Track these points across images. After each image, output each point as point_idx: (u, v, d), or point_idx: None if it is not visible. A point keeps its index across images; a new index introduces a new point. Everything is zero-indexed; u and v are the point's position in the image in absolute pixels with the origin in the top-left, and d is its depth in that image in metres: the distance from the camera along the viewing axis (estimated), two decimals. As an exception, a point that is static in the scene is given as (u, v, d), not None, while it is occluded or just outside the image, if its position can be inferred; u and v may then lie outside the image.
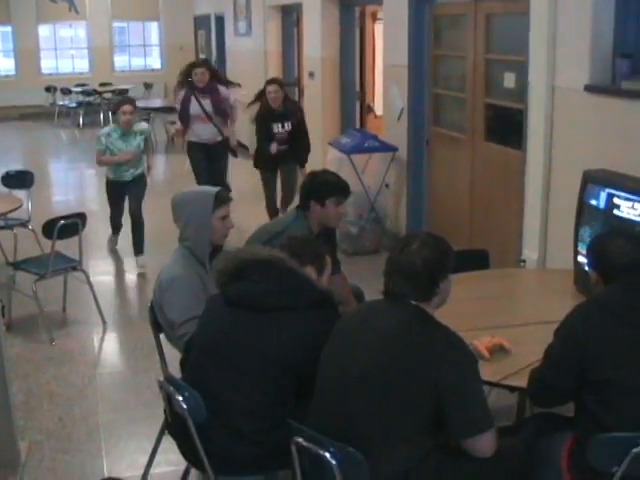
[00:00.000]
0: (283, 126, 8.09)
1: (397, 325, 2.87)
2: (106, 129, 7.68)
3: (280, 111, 8.04)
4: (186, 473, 3.78)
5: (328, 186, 4.45)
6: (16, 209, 6.82)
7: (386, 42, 8.51)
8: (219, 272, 3.37)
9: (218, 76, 8.74)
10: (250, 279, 3.27)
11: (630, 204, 3.97)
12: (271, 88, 8.02)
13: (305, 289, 3.27)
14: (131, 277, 7.70)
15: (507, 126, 6.51)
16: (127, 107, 7.48)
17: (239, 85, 9.81)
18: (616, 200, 4.06)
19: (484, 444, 2.80)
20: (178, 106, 8.60)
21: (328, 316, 3.21)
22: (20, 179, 7.96)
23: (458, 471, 2.87)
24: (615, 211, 4.04)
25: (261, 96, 8.13)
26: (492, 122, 6.72)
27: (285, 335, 3.18)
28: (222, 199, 3.94)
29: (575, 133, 5.16)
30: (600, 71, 4.92)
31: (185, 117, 8.48)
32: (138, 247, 7.64)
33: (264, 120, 8.12)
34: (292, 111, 8.18)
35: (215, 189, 3.98)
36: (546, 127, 5.41)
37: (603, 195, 4.17)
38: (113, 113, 8.30)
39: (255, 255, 3.33)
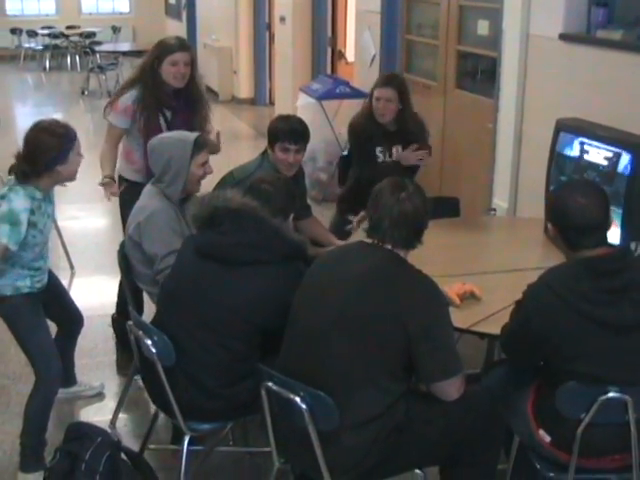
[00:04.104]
0: (392, 153, 5.11)
1: (370, 268, 2.86)
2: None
3: (390, 129, 5.10)
4: (155, 418, 3.77)
5: (273, 131, 4.36)
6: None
7: (359, -13, 8.41)
8: (193, 216, 3.33)
9: (196, 71, 4.68)
10: (221, 229, 3.22)
11: (601, 153, 3.96)
12: (381, 93, 5.00)
13: (276, 242, 3.21)
14: (100, 222, 7.63)
15: (480, 74, 6.48)
16: None
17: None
18: (588, 149, 4.05)
19: (451, 388, 2.83)
20: (119, 122, 4.57)
21: (298, 270, 3.18)
22: (-15, 122, 7.84)
23: (428, 417, 2.89)
24: (586, 160, 4.04)
25: (370, 101, 5.16)
26: (464, 70, 6.68)
27: (253, 291, 3.15)
28: (201, 145, 3.85)
29: (548, 82, 5.14)
30: (575, 19, 4.90)
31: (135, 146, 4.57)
32: None
33: (362, 136, 5.13)
34: (411, 132, 5.09)
35: (195, 134, 3.90)
36: (519, 75, 5.38)
37: (575, 144, 4.16)
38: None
39: (227, 202, 3.26)
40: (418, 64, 7.58)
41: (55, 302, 3.99)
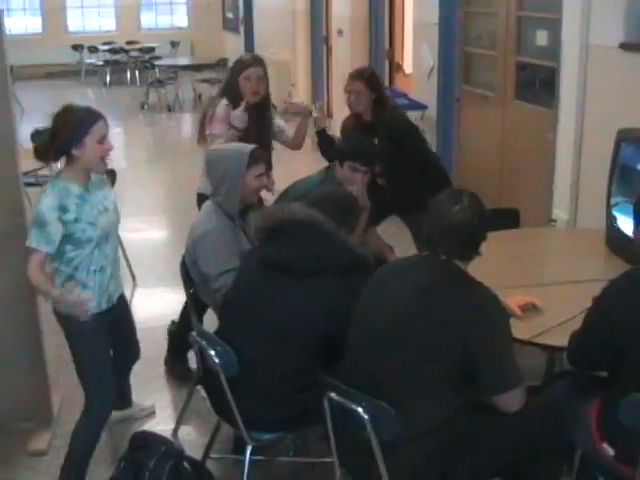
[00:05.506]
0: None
1: (429, 279, 2.86)
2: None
3: (368, 121, 5.11)
4: (217, 428, 3.81)
5: (345, 148, 4.41)
6: (45, 166, 6.82)
7: (416, -1, 8.42)
8: (256, 228, 3.36)
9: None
10: (286, 241, 3.25)
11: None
12: (350, 86, 5.09)
13: (342, 254, 3.22)
14: (161, 234, 7.72)
15: (539, 85, 6.44)
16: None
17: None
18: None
19: (512, 400, 2.82)
20: (221, 131, 4.72)
21: (364, 281, 3.16)
22: (49, 136, 7.95)
23: (488, 429, 2.88)
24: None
25: None
26: (523, 81, 6.65)
27: (320, 303, 3.16)
28: (257, 157, 3.89)
29: (609, 92, 5.09)
30: (636, 28, 4.83)
31: None
32: None
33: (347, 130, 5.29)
34: (386, 125, 5.03)
35: (250, 146, 3.94)
36: (579, 86, 5.34)
37: (637, 154, 4.11)
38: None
39: (293, 215, 3.28)
40: (476, 75, 7.56)
41: (118, 329, 3.84)
